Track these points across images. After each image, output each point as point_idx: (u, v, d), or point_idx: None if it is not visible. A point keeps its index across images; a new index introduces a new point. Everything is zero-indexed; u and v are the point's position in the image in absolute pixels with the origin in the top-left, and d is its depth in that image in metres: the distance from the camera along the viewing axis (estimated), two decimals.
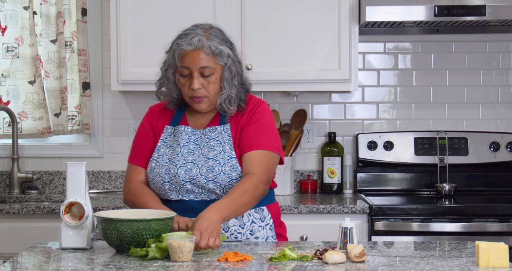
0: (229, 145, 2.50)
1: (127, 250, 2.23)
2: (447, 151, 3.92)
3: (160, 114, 2.64)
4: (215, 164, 2.47)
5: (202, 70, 2.45)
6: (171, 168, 2.50)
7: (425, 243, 2.49)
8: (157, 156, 2.56)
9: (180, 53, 2.45)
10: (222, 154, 2.49)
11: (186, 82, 2.48)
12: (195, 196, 2.50)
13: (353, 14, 3.64)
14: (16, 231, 3.41)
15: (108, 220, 2.21)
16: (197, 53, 2.44)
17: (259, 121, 2.54)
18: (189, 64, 2.45)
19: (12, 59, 3.95)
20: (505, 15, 3.52)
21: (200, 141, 2.53)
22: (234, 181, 2.47)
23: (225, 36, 2.54)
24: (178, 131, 2.56)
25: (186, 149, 2.52)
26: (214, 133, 2.53)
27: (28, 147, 4.03)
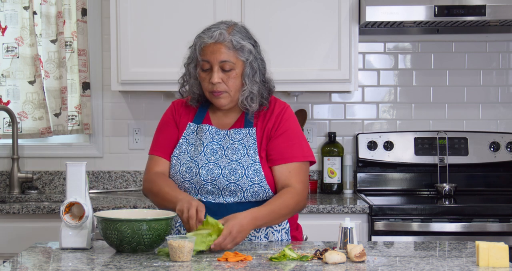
0: (254, 149, 2.48)
1: (127, 250, 2.23)
2: (447, 151, 3.92)
3: (183, 110, 2.61)
4: (238, 167, 2.45)
5: (223, 64, 2.43)
6: (193, 166, 2.48)
7: (425, 243, 2.49)
8: (178, 152, 2.53)
9: (201, 46, 2.44)
10: (246, 157, 2.46)
11: (207, 77, 2.46)
12: (214, 197, 2.47)
13: (353, 14, 3.65)
14: (16, 231, 3.41)
15: (108, 220, 2.21)
16: (218, 47, 2.42)
17: (289, 130, 2.51)
18: (210, 58, 2.43)
19: (12, 59, 3.95)
20: (505, 15, 3.52)
21: (223, 141, 2.51)
22: (256, 185, 2.45)
23: (249, 33, 2.52)
24: (202, 130, 2.53)
25: (209, 148, 2.50)
26: (239, 136, 2.50)
27: (28, 147, 4.03)
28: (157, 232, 2.21)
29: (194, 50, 2.48)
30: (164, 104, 4.04)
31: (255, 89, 2.47)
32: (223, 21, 2.52)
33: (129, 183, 4.03)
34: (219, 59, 2.42)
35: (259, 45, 2.54)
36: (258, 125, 2.52)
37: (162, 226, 2.22)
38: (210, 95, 2.49)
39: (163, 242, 2.26)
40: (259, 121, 2.52)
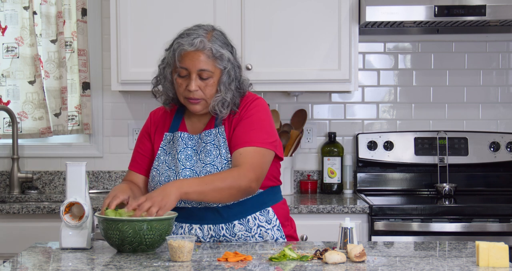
0: (225, 147, 2.45)
1: (129, 250, 2.23)
2: (447, 151, 3.92)
3: (160, 121, 2.60)
4: (212, 169, 2.43)
5: (201, 72, 2.40)
6: (171, 175, 2.47)
7: (425, 243, 2.49)
8: (157, 164, 2.52)
9: (180, 53, 2.40)
10: (219, 158, 2.44)
11: (183, 83, 2.43)
12: (198, 203, 2.45)
13: (353, 14, 3.65)
14: (16, 231, 3.41)
15: (109, 220, 2.21)
16: (197, 55, 2.39)
17: (251, 117, 2.47)
18: (188, 65, 2.40)
19: (12, 59, 3.95)
20: (505, 15, 3.52)
21: (197, 146, 2.49)
22: None
23: (227, 39, 2.48)
24: (176, 137, 2.51)
25: (183, 154, 2.48)
26: (210, 137, 2.48)
27: (28, 147, 4.03)
28: (159, 232, 2.21)
29: (172, 55, 2.44)
30: None
31: (228, 96, 2.44)
32: (200, 25, 2.48)
33: None
34: (198, 68, 2.39)
35: (235, 50, 2.51)
36: (225, 123, 2.49)
37: (163, 226, 2.22)
38: (185, 101, 2.47)
39: (164, 242, 2.26)
40: (227, 118, 2.49)
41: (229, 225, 2.47)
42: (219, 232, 2.46)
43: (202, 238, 2.48)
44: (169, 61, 2.47)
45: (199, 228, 2.47)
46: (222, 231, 2.46)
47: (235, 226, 2.47)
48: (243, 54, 3.64)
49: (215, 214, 2.45)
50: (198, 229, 2.47)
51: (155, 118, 2.62)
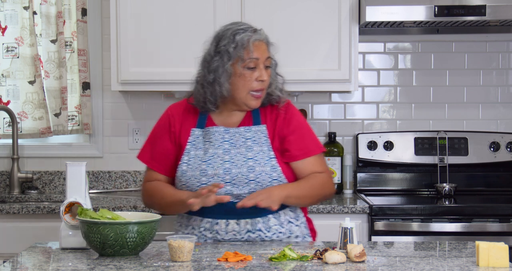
0: (267, 145, 2.51)
1: (110, 254, 2.19)
2: (447, 151, 3.92)
3: (182, 117, 2.59)
4: (255, 164, 2.47)
5: (267, 60, 2.51)
6: (208, 169, 2.48)
7: (425, 243, 2.49)
8: (187, 158, 2.52)
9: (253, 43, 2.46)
10: (261, 154, 2.49)
11: (252, 75, 2.48)
12: (235, 197, 2.47)
13: (353, 14, 3.65)
14: (16, 231, 3.41)
15: (90, 223, 2.17)
16: (261, 44, 2.50)
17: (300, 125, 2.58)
18: (258, 54, 2.48)
19: (12, 59, 3.95)
20: (505, 15, 3.52)
21: (234, 139, 2.52)
22: (275, 181, 2.48)
23: None
24: (210, 132, 2.53)
25: (221, 149, 2.50)
26: (250, 133, 2.52)
27: (28, 147, 4.03)
28: (141, 235, 2.17)
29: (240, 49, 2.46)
30: (164, 104, 4.04)
31: (279, 81, 2.58)
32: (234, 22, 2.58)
33: (129, 183, 4.03)
34: (266, 55, 2.51)
35: None
36: (267, 123, 2.55)
37: (146, 229, 2.18)
38: (248, 96, 2.50)
39: (147, 245, 2.23)
40: (268, 119, 2.55)
41: (265, 218, 2.50)
42: (256, 226, 2.49)
43: (238, 233, 2.49)
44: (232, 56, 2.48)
45: (236, 223, 2.49)
46: (258, 225, 2.49)
47: (270, 220, 2.50)
48: None
49: (251, 208, 2.45)
50: (235, 224, 2.49)
51: (177, 114, 2.61)
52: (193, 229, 2.53)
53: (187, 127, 2.57)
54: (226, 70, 2.48)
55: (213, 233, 2.49)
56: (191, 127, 2.56)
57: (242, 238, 2.48)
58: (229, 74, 2.48)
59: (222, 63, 2.49)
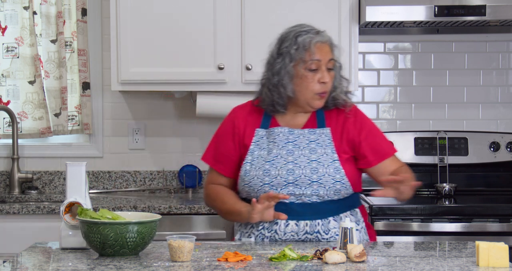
0: (331, 148, 2.51)
1: (110, 254, 2.19)
2: (447, 151, 3.92)
3: (247, 118, 2.60)
4: (319, 166, 2.48)
5: (330, 62, 2.49)
6: (271, 169, 2.48)
7: (425, 243, 2.49)
8: (251, 158, 2.53)
9: (315, 45, 2.47)
10: (325, 156, 2.49)
11: (314, 77, 2.48)
12: (296, 197, 2.48)
13: (353, 14, 3.64)
14: (16, 231, 3.41)
15: (90, 223, 2.17)
16: (324, 46, 2.49)
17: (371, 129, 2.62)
18: (321, 56, 2.48)
19: (12, 59, 3.95)
20: (505, 15, 3.51)
21: (298, 141, 2.53)
22: (338, 182, 2.48)
23: None
24: (274, 132, 2.54)
25: (285, 150, 2.51)
26: (314, 136, 2.53)
27: (28, 147, 4.03)
28: (141, 235, 2.17)
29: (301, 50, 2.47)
30: (164, 104, 4.04)
31: (344, 84, 2.58)
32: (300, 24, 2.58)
33: (129, 183, 4.03)
34: (329, 57, 2.50)
35: None
36: (332, 126, 2.55)
37: (146, 229, 2.18)
38: (312, 97, 2.51)
39: (147, 245, 2.23)
40: (333, 122, 2.56)
41: (325, 221, 2.50)
42: (314, 228, 2.49)
43: (296, 233, 2.49)
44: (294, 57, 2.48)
45: (296, 224, 2.49)
46: (317, 227, 2.49)
47: (330, 222, 2.50)
48: (243, 54, 3.65)
49: (312, 210, 2.48)
50: (294, 225, 2.49)
51: (241, 116, 2.62)
52: (252, 228, 2.54)
53: (252, 128, 2.58)
54: (288, 72, 2.49)
55: (272, 232, 2.50)
56: (255, 128, 2.57)
57: (299, 238, 2.49)
58: (291, 75, 2.49)
59: (284, 65, 2.50)
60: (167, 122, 4.04)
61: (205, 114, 3.77)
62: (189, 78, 3.68)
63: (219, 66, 3.64)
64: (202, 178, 4.01)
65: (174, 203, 3.50)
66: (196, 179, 3.96)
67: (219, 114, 3.78)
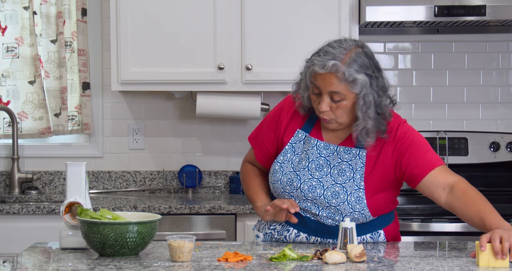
0: (360, 173, 2.36)
1: (110, 254, 2.19)
2: (447, 151, 3.92)
3: (294, 112, 2.48)
4: (341, 190, 2.36)
5: (332, 94, 2.29)
6: (295, 180, 2.40)
7: (425, 243, 2.49)
8: (282, 159, 2.45)
9: (311, 73, 2.31)
10: (351, 181, 2.36)
11: (316, 100, 2.34)
12: (312, 215, 2.41)
13: (353, 14, 3.65)
14: (16, 231, 3.41)
15: (90, 223, 2.16)
16: (329, 77, 2.27)
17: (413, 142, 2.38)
18: (320, 85, 2.29)
19: (12, 59, 3.95)
20: (505, 15, 3.52)
21: (331, 157, 2.40)
22: (356, 212, 2.36)
23: (370, 60, 2.37)
24: (310, 143, 2.42)
25: (314, 164, 2.40)
26: (348, 156, 2.39)
27: (28, 147, 4.03)
28: (141, 235, 2.17)
29: (305, 72, 2.36)
30: (164, 104, 4.04)
31: (369, 123, 2.31)
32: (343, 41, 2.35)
33: (129, 183, 4.03)
34: (329, 89, 2.28)
35: (381, 72, 2.39)
36: (369, 148, 2.37)
37: (146, 229, 2.18)
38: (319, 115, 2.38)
39: (147, 245, 2.23)
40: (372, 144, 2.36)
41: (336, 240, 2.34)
42: (324, 246, 2.38)
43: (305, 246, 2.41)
44: (304, 76, 2.38)
45: (306, 237, 2.44)
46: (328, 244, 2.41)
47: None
48: (243, 54, 3.65)
49: (326, 229, 2.41)
50: (304, 238, 2.44)
51: (289, 109, 2.50)
52: (266, 224, 2.52)
53: (294, 126, 2.47)
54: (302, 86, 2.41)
55: (280, 236, 2.46)
56: (297, 127, 2.47)
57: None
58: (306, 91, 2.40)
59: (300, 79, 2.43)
60: (167, 122, 4.04)
61: (205, 114, 3.77)
62: (189, 78, 3.68)
63: (219, 66, 3.64)
64: (202, 178, 4.01)
65: (174, 203, 3.50)
66: (196, 179, 3.96)
67: (219, 114, 3.79)
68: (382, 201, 2.42)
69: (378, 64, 2.41)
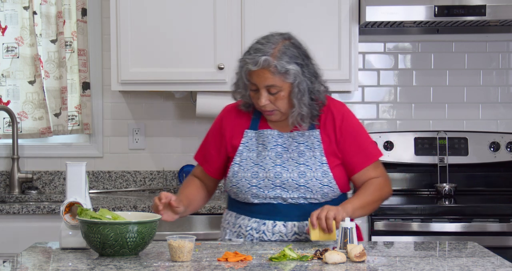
0: (320, 150, 2.49)
1: (110, 254, 2.19)
2: (447, 151, 3.92)
3: (236, 118, 2.59)
4: (306, 169, 2.46)
5: (269, 88, 2.42)
6: (259, 171, 2.48)
7: (425, 243, 2.49)
8: (239, 159, 2.52)
9: (246, 72, 2.43)
10: (313, 159, 2.48)
11: (255, 96, 2.46)
12: (284, 199, 2.48)
13: (353, 14, 3.65)
14: (16, 231, 3.41)
15: (90, 223, 2.16)
16: (263, 72, 2.40)
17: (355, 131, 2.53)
18: (256, 82, 2.42)
19: (12, 59, 3.95)
20: (505, 15, 3.52)
21: (288, 144, 2.51)
22: (325, 187, 2.47)
23: (298, 50, 2.48)
24: (263, 134, 2.52)
25: (273, 152, 2.50)
26: (303, 138, 2.51)
27: (28, 147, 4.03)
28: (141, 235, 2.17)
29: (240, 71, 2.47)
30: (164, 104, 4.04)
31: (304, 110, 2.45)
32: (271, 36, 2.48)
33: (129, 183, 4.03)
34: (265, 84, 2.41)
35: (310, 59, 2.51)
36: (320, 127, 2.51)
37: (146, 229, 2.18)
38: (260, 110, 2.50)
39: (147, 245, 2.23)
40: (321, 123, 2.52)
41: None
42: (303, 229, 2.48)
43: (285, 235, 2.49)
44: (240, 75, 2.48)
45: (283, 225, 2.49)
46: (306, 228, 2.48)
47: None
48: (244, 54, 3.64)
49: (300, 211, 2.47)
50: (282, 226, 2.48)
51: (229, 116, 2.61)
52: (240, 228, 2.54)
53: (241, 128, 2.57)
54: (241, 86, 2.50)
55: (260, 233, 2.50)
56: (244, 129, 2.56)
57: (289, 239, 2.49)
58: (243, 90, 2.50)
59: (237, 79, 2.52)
60: (167, 122, 4.04)
61: (205, 114, 3.77)
62: (189, 78, 3.68)
63: (219, 66, 3.65)
64: None
65: None
66: None
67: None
68: (343, 174, 2.54)
69: (307, 52, 2.52)
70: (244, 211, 2.54)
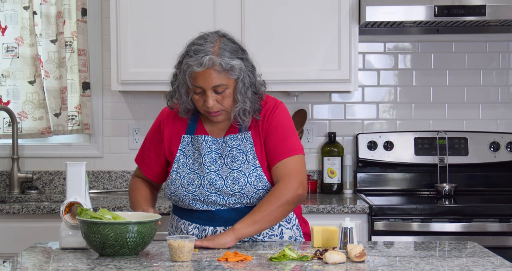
0: (252, 153, 2.46)
1: (110, 254, 2.19)
2: (447, 151, 3.92)
3: (173, 122, 2.57)
4: (240, 175, 2.44)
5: (216, 88, 2.37)
6: (195, 178, 2.46)
7: (425, 243, 2.49)
8: (177, 167, 2.51)
9: (191, 74, 2.37)
10: (246, 163, 2.45)
11: (200, 99, 2.41)
12: (221, 206, 2.47)
13: (353, 14, 3.65)
14: (16, 231, 3.41)
15: (90, 223, 2.16)
16: (208, 73, 2.35)
17: (281, 125, 2.49)
18: (202, 84, 2.37)
19: (12, 59, 3.95)
20: (505, 15, 3.52)
21: (221, 149, 2.48)
22: (260, 191, 2.44)
23: (235, 45, 2.45)
24: (198, 140, 2.50)
25: (208, 158, 2.47)
26: (236, 142, 2.48)
27: (28, 147, 4.03)
28: (141, 235, 2.17)
29: (183, 76, 2.40)
30: (164, 104, 4.02)
31: (247, 104, 2.43)
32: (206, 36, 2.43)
33: (129, 183, 4.02)
34: (212, 85, 2.36)
35: (246, 53, 2.48)
36: (252, 128, 2.49)
37: (146, 229, 2.18)
38: (206, 113, 2.45)
39: (147, 245, 2.23)
40: (252, 123, 2.49)
41: None
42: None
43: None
44: (181, 81, 2.42)
45: (224, 229, 2.47)
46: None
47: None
48: None
49: (239, 215, 2.44)
50: (223, 231, 2.46)
51: (167, 120, 2.59)
52: (181, 232, 2.54)
53: (178, 133, 2.55)
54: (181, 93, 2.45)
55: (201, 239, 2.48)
56: (181, 134, 2.54)
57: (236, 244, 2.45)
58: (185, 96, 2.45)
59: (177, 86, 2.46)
60: None
61: None
62: None
63: None
64: None
65: None
66: None
67: None
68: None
69: (242, 46, 2.50)
70: (185, 216, 2.53)
